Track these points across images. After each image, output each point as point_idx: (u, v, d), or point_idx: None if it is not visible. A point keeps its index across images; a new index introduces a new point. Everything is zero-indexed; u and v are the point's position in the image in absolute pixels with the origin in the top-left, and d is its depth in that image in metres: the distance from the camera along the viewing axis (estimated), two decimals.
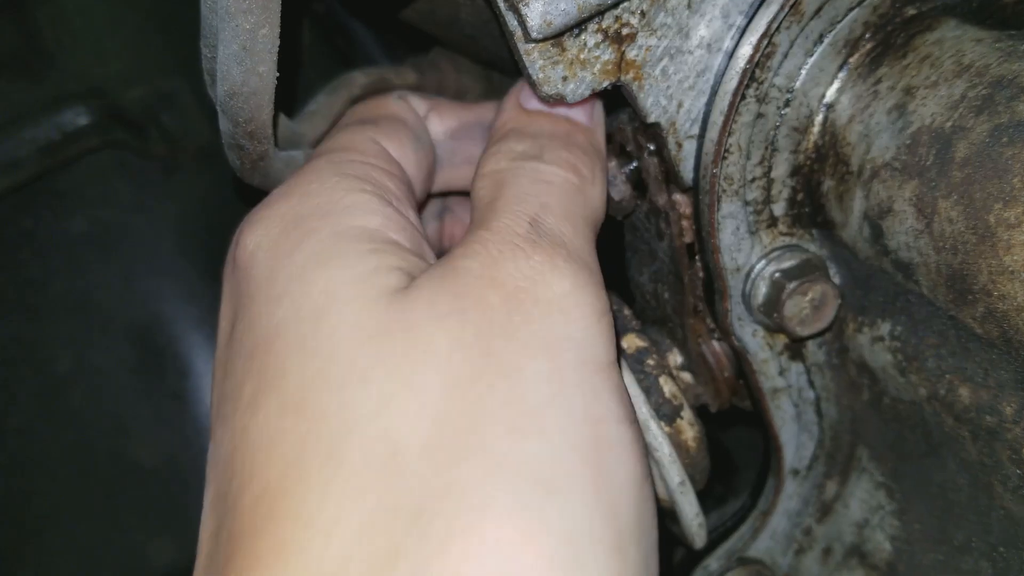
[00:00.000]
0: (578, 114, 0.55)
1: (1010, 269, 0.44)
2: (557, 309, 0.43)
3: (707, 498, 0.72)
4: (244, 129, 0.47)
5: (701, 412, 0.63)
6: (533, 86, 0.50)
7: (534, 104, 0.54)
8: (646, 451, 0.45)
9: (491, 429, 0.39)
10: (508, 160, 0.51)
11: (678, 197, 0.56)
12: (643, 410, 0.54)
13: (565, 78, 0.49)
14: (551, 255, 0.45)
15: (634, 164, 0.57)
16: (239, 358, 0.45)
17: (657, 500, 0.58)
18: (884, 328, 0.55)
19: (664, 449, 0.54)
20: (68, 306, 0.88)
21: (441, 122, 0.61)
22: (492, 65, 0.83)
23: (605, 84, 0.50)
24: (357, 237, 0.45)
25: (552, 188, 0.49)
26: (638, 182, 0.58)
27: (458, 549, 0.36)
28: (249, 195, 0.91)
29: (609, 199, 0.60)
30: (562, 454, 0.39)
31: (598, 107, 0.56)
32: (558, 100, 0.50)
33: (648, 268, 0.62)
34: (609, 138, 0.59)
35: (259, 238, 0.47)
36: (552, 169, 0.51)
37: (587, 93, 0.51)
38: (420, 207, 0.58)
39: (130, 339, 0.89)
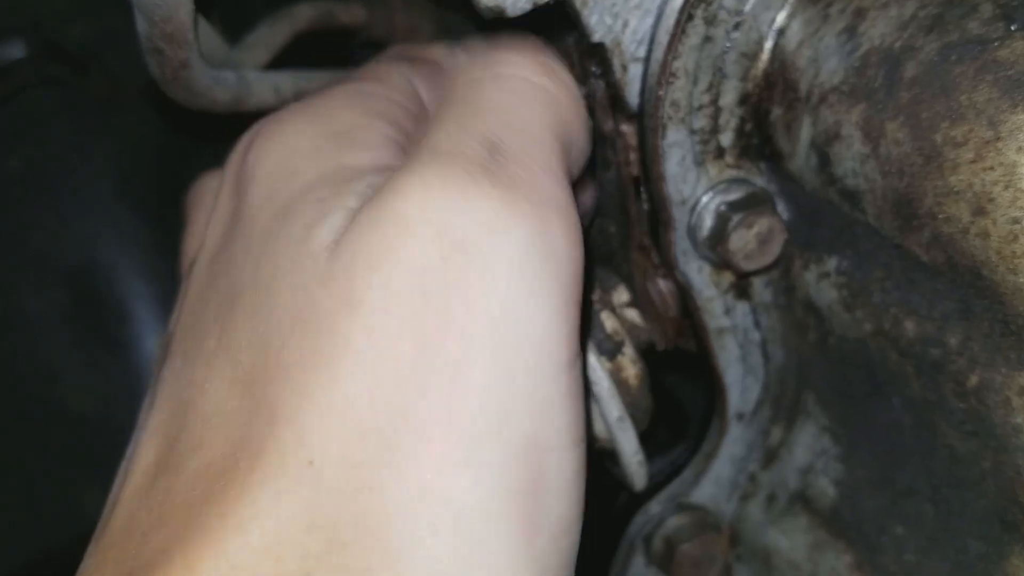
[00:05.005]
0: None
1: (956, 189, 0.42)
2: (512, 282, 0.35)
3: (653, 444, 0.71)
4: (162, 29, 0.45)
5: (648, 354, 0.61)
6: None
7: None
8: (583, 482, 0.38)
9: (417, 452, 0.34)
10: (476, 66, 0.45)
11: (625, 127, 0.54)
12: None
13: None
14: (511, 192, 0.37)
15: (581, 90, 0.55)
16: (216, 293, 0.41)
17: (597, 441, 0.57)
18: (830, 264, 0.53)
19: (603, 383, 0.52)
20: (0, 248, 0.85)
21: None
22: (445, 4, 0.80)
23: None
24: (345, 178, 0.40)
25: (516, 95, 0.42)
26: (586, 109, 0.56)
27: None
28: (193, 136, 0.88)
29: None
30: (494, 499, 0.34)
31: None
32: (497, 13, 0.48)
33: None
34: None
35: (270, 152, 0.43)
36: (521, 72, 0.43)
37: (528, 7, 0.48)
38: None
39: (65, 284, 0.86)
